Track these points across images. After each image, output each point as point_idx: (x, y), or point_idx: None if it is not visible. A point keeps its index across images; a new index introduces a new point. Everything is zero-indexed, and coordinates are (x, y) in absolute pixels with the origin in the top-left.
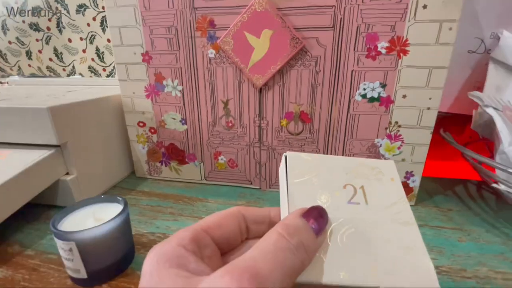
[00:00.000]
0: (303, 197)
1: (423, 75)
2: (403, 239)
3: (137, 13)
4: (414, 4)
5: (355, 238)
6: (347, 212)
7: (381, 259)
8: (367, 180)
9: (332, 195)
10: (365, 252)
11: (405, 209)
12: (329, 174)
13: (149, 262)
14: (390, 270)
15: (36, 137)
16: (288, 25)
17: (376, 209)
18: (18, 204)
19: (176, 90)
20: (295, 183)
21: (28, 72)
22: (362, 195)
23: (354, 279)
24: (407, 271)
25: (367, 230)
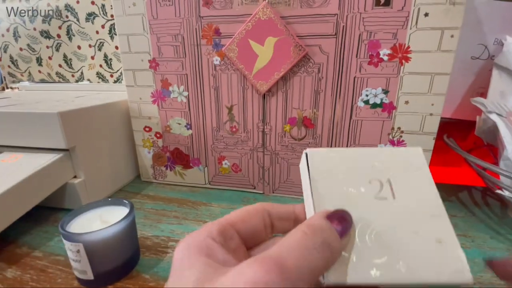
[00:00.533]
0: (328, 194)
1: (425, 81)
2: (433, 232)
3: (145, 22)
4: (416, 12)
5: (384, 235)
6: (375, 208)
7: (412, 254)
8: (394, 172)
9: (358, 191)
10: (395, 248)
11: (434, 200)
12: (353, 169)
13: (180, 250)
14: (422, 265)
15: (46, 141)
16: (292, 33)
17: (404, 203)
18: (28, 206)
19: (182, 96)
20: (319, 181)
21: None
22: (389, 189)
23: (385, 277)
24: (439, 265)
25: (396, 226)
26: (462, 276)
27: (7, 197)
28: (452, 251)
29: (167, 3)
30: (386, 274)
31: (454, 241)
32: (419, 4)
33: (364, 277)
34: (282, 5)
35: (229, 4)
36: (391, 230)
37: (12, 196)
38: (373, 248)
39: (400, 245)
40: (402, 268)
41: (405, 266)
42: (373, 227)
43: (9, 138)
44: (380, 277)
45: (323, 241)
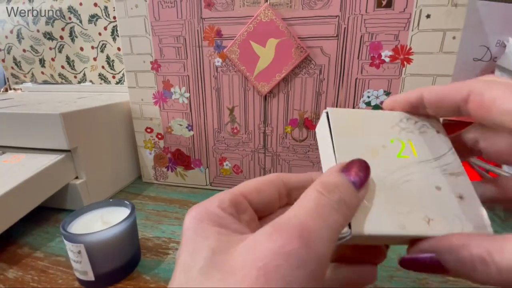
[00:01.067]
0: (351, 152)
1: (427, 83)
2: (455, 189)
3: (147, 23)
4: (418, 13)
5: (407, 189)
6: (398, 166)
7: (436, 207)
8: (413, 134)
9: (380, 149)
10: (419, 201)
11: (454, 159)
12: (374, 129)
13: (191, 219)
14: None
15: (48, 142)
16: (293, 35)
17: (426, 161)
18: (30, 207)
19: (183, 97)
20: (340, 137)
21: (41, 79)
22: (410, 148)
23: (410, 228)
24: (462, 218)
25: (419, 182)
26: (484, 230)
27: (9, 197)
28: (474, 207)
29: (169, 5)
30: (411, 226)
31: (475, 198)
32: (421, 6)
33: (389, 227)
34: (284, 7)
35: (230, 6)
36: (414, 185)
37: (14, 196)
38: (398, 201)
39: (424, 199)
40: (427, 220)
41: (430, 219)
42: (396, 182)
43: (12, 138)
44: (406, 230)
45: (339, 199)
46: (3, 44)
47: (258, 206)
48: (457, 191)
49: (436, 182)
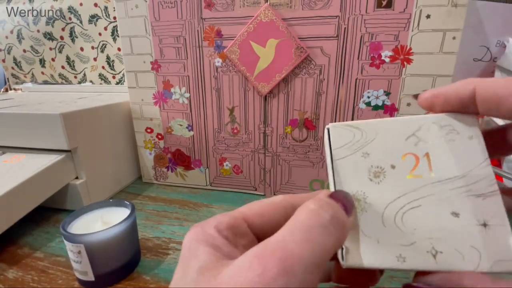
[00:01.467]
0: (351, 175)
1: (427, 83)
2: (478, 214)
3: (147, 24)
4: (418, 14)
5: (415, 217)
6: (406, 189)
7: (447, 238)
8: (434, 144)
9: (387, 170)
10: (427, 232)
11: (486, 176)
12: (383, 144)
13: (189, 238)
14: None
15: (48, 142)
16: (293, 35)
17: (445, 181)
18: (30, 207)
19: (184, 98)
20: (341, 162)
21: (41, 79)
22: (426, 164)
23: (411, 263)
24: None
25: (431, 207)
26: (508, 265)
27: (9, 197)
28: (500, 236)
29: (169, 5)
30: (413, 259)
31: (504, 225)
32: (420, 6)
33: (388, 261)
34: (284, 7)
35: (231, 6)
36: (425, 212)
37: (14, 196)
38: (400, 232)
39: (433, 228)
40: (434, 253)
41: (437, 251)
42: (402, 209)
43: (12, 139)
44: (406, 263)
45: (333, 216)
46: (4, 44)
47: (260, 230)
48: (480, 217)
49: (453, 207)
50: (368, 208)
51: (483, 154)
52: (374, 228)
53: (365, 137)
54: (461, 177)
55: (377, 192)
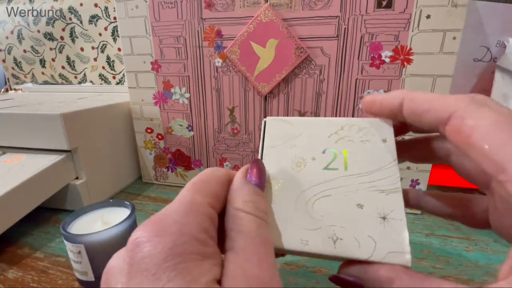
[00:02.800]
0: (275, 164)
1: (427, 83)
2: (379, 208)
3: (147, 24)
4: (418, 14)
5: (324, 205)
6: (321, 179)
7: (349, 227)
8: (352, 143)
9: (308, 161)
10: (332, 219)
11: (391, 175)
12: (309, 139)
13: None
14: (356, 238)
15: (48, 143)
16: (293, 35)
17: (355, 175)
18: (30, 207)
19: (184, 98)
20: (270, 150)
21: (41, 80)
22: (342, 160)
23: (312, 247)
24: (377, 241)
25: (340, 198)
26: (400, 257)
27: (9, 198)
28: (397, 230)
29: (169, 6)
30: (315, 243)
31: (400, 220)
32: (421, 6)
33: (292, 244)
34: (284, 7)
35: (231, 7)
36: (333, 201)
37: (14, 197)
38: (308, 217)
39: (338, 217)
40: (334, 239)
41: (338, 238)
42: (314, 197)
43: (12, 139)
44: (308, 246)
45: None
46: (4, 45)
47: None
48: (381, 211)
49: (359, 199)
50: (283, 193)
51: (392, 156)
52: (286, 212)
53: (294, 131)
54: (370, 174)
55: (295, 179)
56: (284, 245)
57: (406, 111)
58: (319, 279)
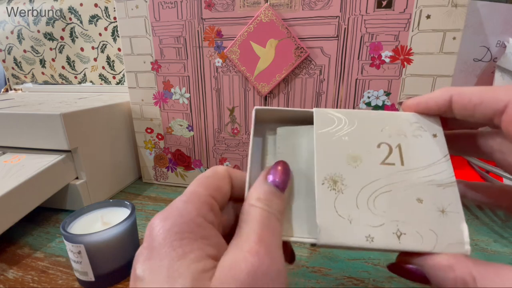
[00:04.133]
0: (331, 158)
1: (427, 83)
2: (438, 202)
3: (148, 24)
4: (418, 14)
5: (385, 200)
6: (380, 174)
7: (411, 221)
8: (405, 138)
9: (364, 156)
10: (394, 215)
11: (446, 169)
12: (361, 132)
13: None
14: (419, 232)
15: (48, 143)
16: (293, 35)
17: (413, 170)
18: (30, 207)
19: (184, 98)
20: (323, 142)
21: (41, 80)
22: (398, 154)
23: (378, 243)
24: (438, 234)
25: (400, 193)
26: (460, 247)
27: (10, 198)
28: (456, 222)
29: (169, 6)
30: (380, 239)
31: (458, 212)
32: (421, 6)
33: (357, 240)
34: (284, 7)
35: (231, 7)
36: (393, 196)
37: (14, 197)
38: (371, 213)
39: (400, 212)
40: (398, 234)
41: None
42: (375, 192)
43: (12, 139)
44: (374, 243)
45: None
46: (4, 45)
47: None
48: (440, 205)
49: (418, 194)
50: (344, 190)
51: (444, 150)
52: (348, 209)
53: (347, 124)
54: (426, 168)
55: (354, 175)
56: (350, 243)
57: (457, 106)
58: (319, 279)
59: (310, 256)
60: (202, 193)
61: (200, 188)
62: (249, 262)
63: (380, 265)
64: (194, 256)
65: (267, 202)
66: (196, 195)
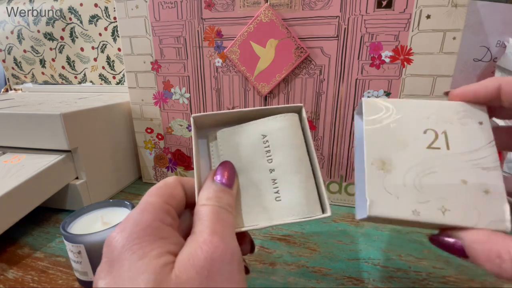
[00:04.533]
0: (381, 142)
1: (427, 83)
2: (482, 183)
3: (148, 24)
4: (418, 14)
5: (431, 180)
6: (426, 157)
7: (456, 200)
8: (451, 125)
9: (411, 140)
10: (440, 193)
11: (491, 154)
12: (408, 119)
13: None
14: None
15: (48, 143)
16: (293, 35)
17: (458, 154)
18: (30, 207)
19: (184, 98)
20: (372, 129)
21: (41, 80)
22: (444, 140)
23: (423, 216)
24: (480, 212)
25: (445, 174)
26: (501, 224)
27: (10, 198)
28: (499, 202)
29: (169, 6)
30: (426, 214)
31: (501, 194)
32: (421, 6)
33: (404, 213)
34: (284, 7)
35: (231, 7)
36: (439, 177)
37: (14, 197)
38: (418, 191)
39: (446, 191)
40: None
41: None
42: (422, 173)
43: (12, 139)
44: (420, 217)
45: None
46: (4, 45)
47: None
48: (484, 186)
49: (463, 176)
50: (392, 170)
51: (489, 137)
52: (395, 187)
53: (395, 112)
54: (471, 153)
55: (401, 157)
56: (397, 215)
57: (506, 95)
58: (319, 279)
59: (310, 256)
60: (157, 201)
61: (153, 198)
62: (205, 249)
63: (380, 265)
64: (155, 253)
65: (216, 199)
66: (151, 204)
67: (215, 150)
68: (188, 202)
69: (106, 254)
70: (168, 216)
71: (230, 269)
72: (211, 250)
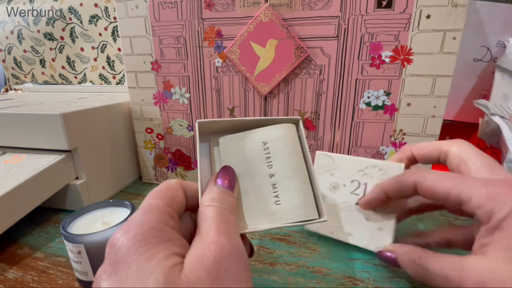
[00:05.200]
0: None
1: (427, 83)
2: (379, 223)
3: (148, 24)
4: (418, 14)
5: (348, 215)
6: (348, 199)
7: (359, 230)
8: (372, 179)
9: (341, 186)
10: (350, 224)
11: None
12: (343, 171)
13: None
14: (362, 236)
15: (48, 143)
16: (293, 35)
17: None
18: (30, 207)
19: (184, 98)
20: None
21: (41, 80)
22: (363, 189)
23: (338, 236)
24: (372, 240)
25: (357, 212)
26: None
27: (10, 198)
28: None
29: (169, 6)
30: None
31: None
32: (421, 6)
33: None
34: (284, 7)
35: (231, 7)
36: (353, 213)
37: (14, 197)
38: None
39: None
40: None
41: (350, 234)
42: (343, 209)
43: (12, 139)
44: (334, 235)
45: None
46: (4, 45)
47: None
48: (380, 225)
49: (368, 216)
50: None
51: None
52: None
53: (335, 165)
54: None
55: (332, 197)
56: (319, 230)
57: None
58: (319, 279)
59: (310, 256)
60: (159, 203)
61: (155, 200)
62: (213, 249)
63: (380, 265)
64: (162, 255)
65: (220, 200)
66: (153, 206)
67: (217, 155)
68: (188, 205)
69: (109, 255)
70: (171, 219)
71: (237, 268)
72: (219, 250)
